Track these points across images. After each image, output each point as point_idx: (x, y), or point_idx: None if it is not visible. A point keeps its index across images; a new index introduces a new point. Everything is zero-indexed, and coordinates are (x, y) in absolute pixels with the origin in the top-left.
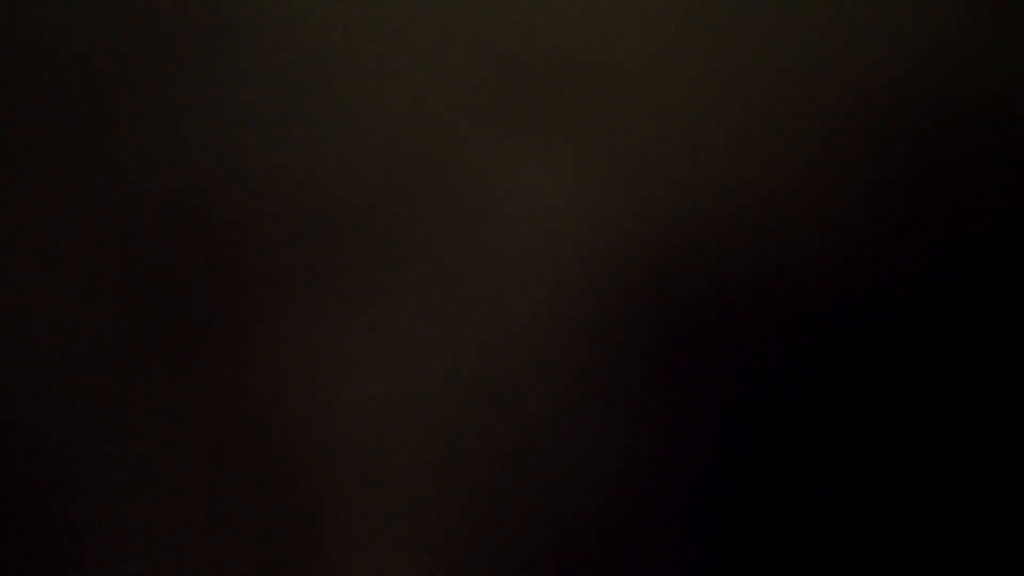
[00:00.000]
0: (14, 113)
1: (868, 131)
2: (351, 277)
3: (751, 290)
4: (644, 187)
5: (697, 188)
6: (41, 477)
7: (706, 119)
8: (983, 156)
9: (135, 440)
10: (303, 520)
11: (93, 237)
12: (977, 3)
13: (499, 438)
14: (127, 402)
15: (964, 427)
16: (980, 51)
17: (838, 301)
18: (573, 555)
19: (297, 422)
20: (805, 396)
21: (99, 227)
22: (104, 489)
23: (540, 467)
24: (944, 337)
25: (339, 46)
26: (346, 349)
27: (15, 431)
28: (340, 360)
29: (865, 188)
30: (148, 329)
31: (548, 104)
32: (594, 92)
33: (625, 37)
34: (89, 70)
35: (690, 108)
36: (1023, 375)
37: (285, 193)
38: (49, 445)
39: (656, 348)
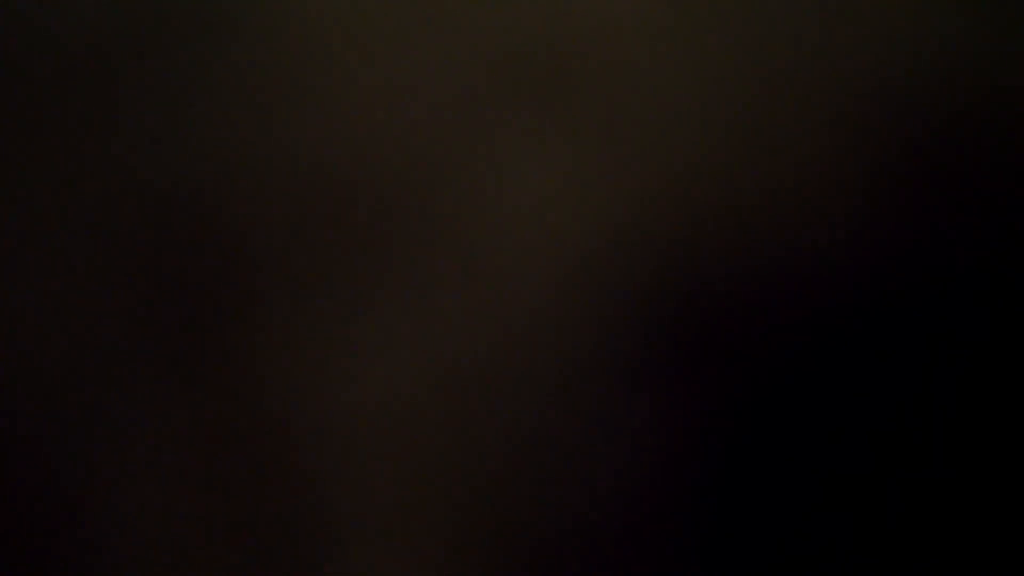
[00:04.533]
0: (15, 111)
1: (868, 129)
2: (351, 276)
3: (751, 286)
4: (643, 183)
5: (696, 184)
6: (42, 475)
7: (705, 114)
8: (984, 154)
9: (135, 439)
10: (304, 519)
11: (95, 235)
12: (977, 3)
13: (500, 436)
14: (127, 401)
15: (966, 426)
16: (980, 51)
17: (839, 298)
18: (575, 555)
19: (299, 421)
20: (807, 393)
21: (101, 225)
22: (105, 487)
23: (541, 466)
24: (946, 334)
25: (336, 44)
26: (347, 348)
27: (16, 429)
28: (341, 359)
29: (865, 186)
30: (149, 329)
31: (547, 101)
32: (593, 88)
33: (623, 32)
34: (90, 67)
35: (689, 103)
36: (1023, 374)
37: (284, 193)
38: (50, 444)
39: (656, 345)
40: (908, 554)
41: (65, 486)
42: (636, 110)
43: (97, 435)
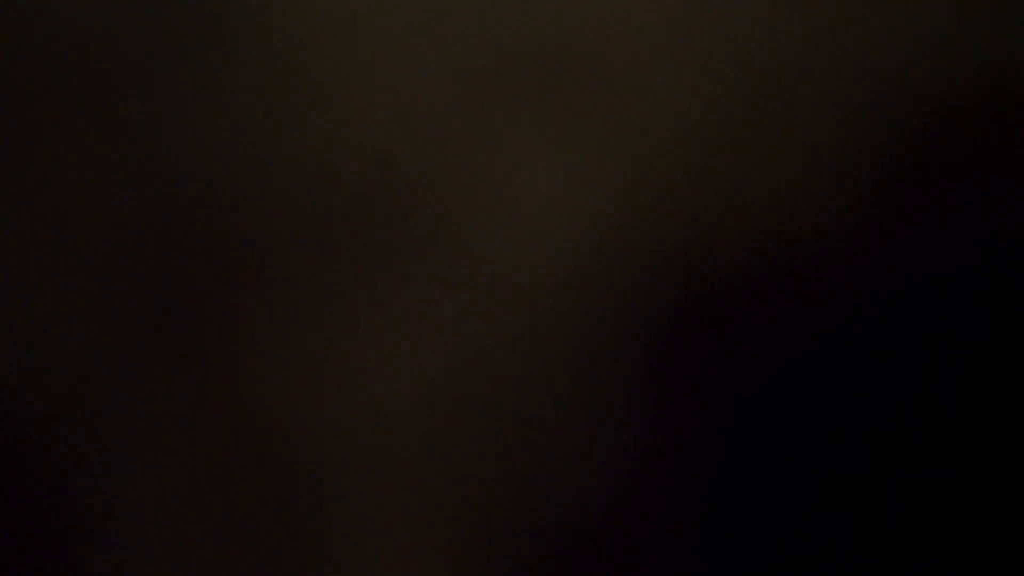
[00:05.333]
0: (17, 113)
1: (868, 130)
2: (352, 277)
3: (752, 289)
4: (645, 186)
5: (697, 186)
6: (43, 476)
7: (707, 117)
8: (984, 155)
9: (137, 440)
10: (304, 519)
11: (96, 237)
12: (977, 3)
13: (500, 438)
14: (129, 402)
15: (966, 426)
16: (980, 51)
17: (839, 300)
18: (575, 556)
19: (299, 421)
20: (807, 395)
21: (101, 227)
22: (106, 489)
23: (541, 467)
24: (945, 335)
25: (338, 45)
26: (348, 349)
27: (17, 430)
28: (342, 359)
29: (865, 187)
30: (150, 330)
31: (549, 103)
32: (596, 90)
33: (626, 35)
34: (92, 68)
35: (690, 106)
36: (1023, 375)
37: (286, 194)
38: (51, 443)
39: (656, 347)
40: (908, 554)
41: (65, 485)
42: (638, 111)
43: (97, 434)
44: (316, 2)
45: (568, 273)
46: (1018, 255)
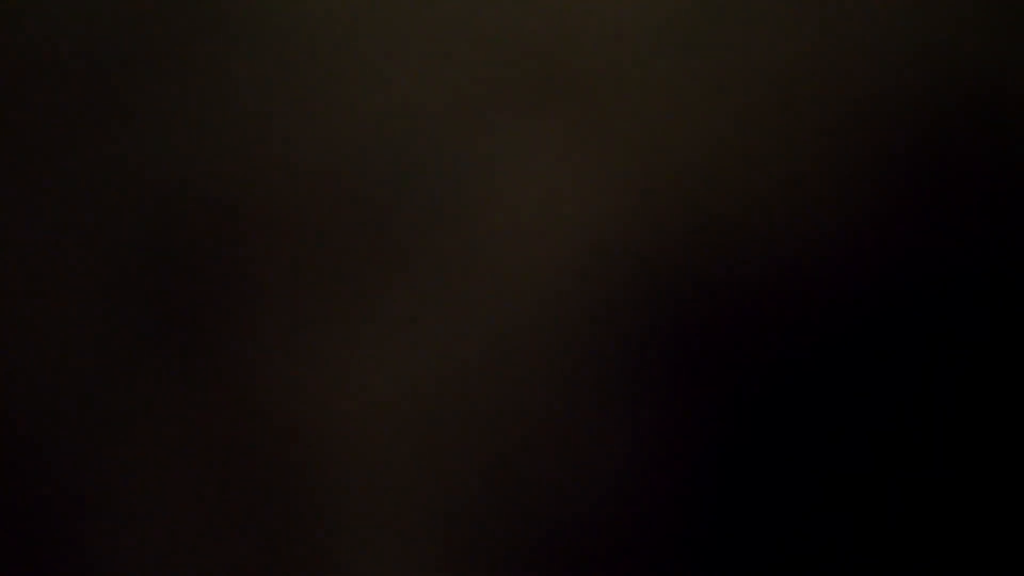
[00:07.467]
0: (14, 112)
1: (868, 130)
2: (352, 275)
3: (752, 287)
4: (645, 184)
5: (699, 185)
6: (41, 477)
7: (708, 116)
8: (983, 156)
9: (134, 441)
10: (303, 521)
11: (93, 236)
12: (977, 3)
13: (499, 437)
14: (126, 403)
15: (965, 427)
16: (980, 51)
17: (839, 300)
18: (573, 556)
19: (298, 422)
20: (806, 395)
21: (99, 226)
22: (104, 489)
23: (540, 466)
24: (944, 336)
25: (338, 40)
26: (347, 348)
27: (16, 430)
28: (341, 359)
29: (865, 187)
30: (148, 330)
31: (549, 100)
32: (597, 87)
33: (627, 33)
34: (89, 67)
35: (692, 104)
36: (1023, 375)
37: (285, 191)
38: (49, 445)
39: (656, 346)
40: (908, 554)
41: (65, 488)
42: (636, 112)
43: (97, 437)
44: (318, 3)
45: (568, 273)
46: (1018, 255)
